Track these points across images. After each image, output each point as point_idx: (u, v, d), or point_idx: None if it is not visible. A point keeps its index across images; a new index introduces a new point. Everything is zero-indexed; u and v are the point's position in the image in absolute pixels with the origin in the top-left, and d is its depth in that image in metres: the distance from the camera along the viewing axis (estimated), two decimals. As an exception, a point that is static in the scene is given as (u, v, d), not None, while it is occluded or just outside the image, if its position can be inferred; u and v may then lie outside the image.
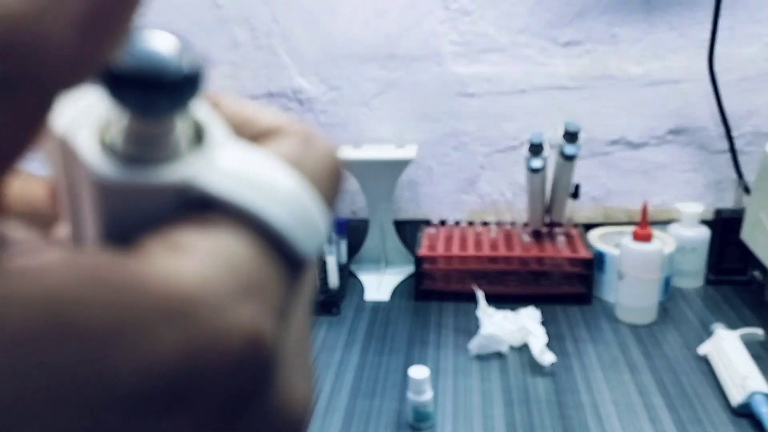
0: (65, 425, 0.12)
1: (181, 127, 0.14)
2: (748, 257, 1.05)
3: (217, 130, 0.14)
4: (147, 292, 0.12)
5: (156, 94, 0.13)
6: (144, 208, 0.14)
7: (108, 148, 0.14)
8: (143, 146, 0.13)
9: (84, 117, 0.14)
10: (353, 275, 1.15)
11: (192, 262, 0.12)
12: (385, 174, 1.09)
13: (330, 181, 0.16)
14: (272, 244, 0.14)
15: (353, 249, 1.17)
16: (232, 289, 0.12)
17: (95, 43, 0.11)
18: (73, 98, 0.14)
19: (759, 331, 0.88)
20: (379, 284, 1.12)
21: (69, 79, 0.11)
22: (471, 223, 1.15)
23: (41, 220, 0.17)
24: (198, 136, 0.14)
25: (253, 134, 0.16)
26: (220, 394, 0.12)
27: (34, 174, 0.18)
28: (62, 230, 0.17)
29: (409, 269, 1.14)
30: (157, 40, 0.13)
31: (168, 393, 0.12)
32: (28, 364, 0.11)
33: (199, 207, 0.14)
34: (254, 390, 0.13)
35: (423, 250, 1.06)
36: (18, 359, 0.11)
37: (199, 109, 0.15)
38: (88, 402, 0.12)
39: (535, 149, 0.96)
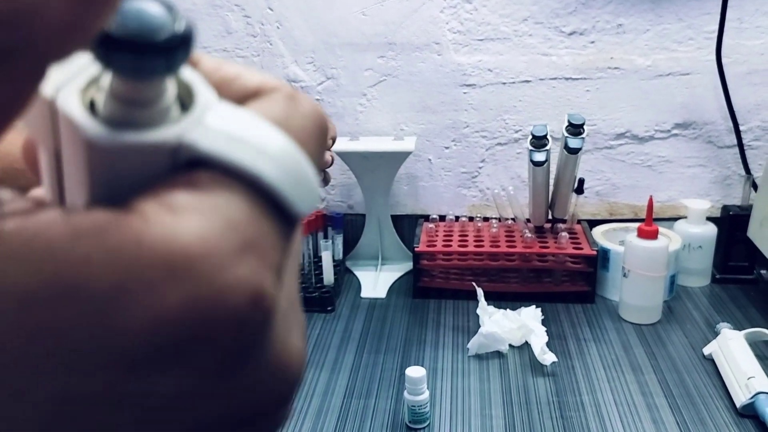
0: (74, 384, 0.12)
1: (170, 90, 0.14)
2: (755, 255, 1.03)
3: (204, 92, 0.15)
4: (150, 250, 0.12)
5: (149, 56, 0.13)
6: (136, 169, 0.14)
7: (99, 111, 0.14)
8: (135, 109, 0.14)
9: (74, 81, 0.14)
10: (349, 271, 1.14)
11: (190, 221, 0.13)
12: (382, 167, 1.07)
13: (316, 139, 0.16)
14: (267, 202, 0.14)
15: (349, 244, 1.15)
16: (232, 246, 0.13)
17: (89, 12, 0.11)
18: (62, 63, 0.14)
19: (765, 331, 0.86)
20: (376, 281, 1.10)
21: (63, 48, 0.12)
22: (471, 219, 1.14)
23: (18, 181, 0.17)
24: (185, 99, 0.15)
25: (235, 94, 0.16)
26: (224, 347, 0.13)
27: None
28: (39, 194, 0.17)
29: (406, 266, 1.12)
30: (146, 4, 0.13)
31: (173, 348, 0.12)
32: (32, 326, 0.11)
33: (191, 167, 0.14)
34: (255, 342, 0.13)
35: (421, 246, 1.04)
36: (24, 321, 0.11)
37: (186, 72, 0.15)
38: (96, 360, 0.12)
39: (538, 142, 0.95)
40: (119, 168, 0.14)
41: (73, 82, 0.14)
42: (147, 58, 0.13)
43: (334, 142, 0.79)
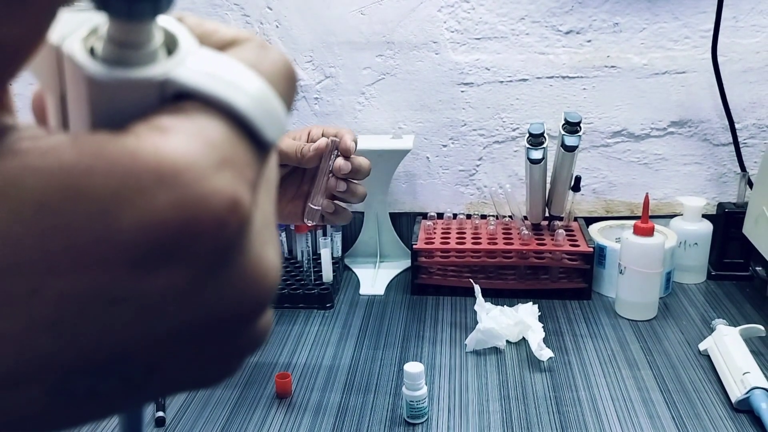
0: (81, 281, 0.14)
1: (157, 36, 0.17)
2: (750, 252, 1.03)
3: (187, 40, 0.17)
4: (142, 162, 0.14)
5: (139, 1, 0.15)
6: (130, 102, 0.16)
7: (98, 54, 0.16)
8: (127, 50, 0.16)
9: (77, 32, 0.17)
10: (348, 269, 1.14)
11: (176, 139, 0.15)
12: (380, 165, 1.08)
13: (283, 80, 0.18)
14: (241, 128, 0.16)
15: (348, 242, 1.16)
16: (212, 160, 0.15)
17: None
18: (63, 15, 0.16)
19: (760, 327, 0.87)
20: (374, 278, 1.10)
21: None
22: (469, 216, 1.14)
23: None
24: (170, 46, 0.17)
25: (214, 45, 0.18)
26: (207, 247, 0.15)
27: None
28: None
29: (404, 263, 1.13)
30: None
31: (165, 246, 0.14)
32: (46, 227, 0.13)
33: (176, 100, 0.16)
34: (234, 245, 0.15)
35: (419, 244, 1.04)
36: (39, 223, 0.13)
37: (170, 22, 0.17)
38: (99, 259, 0.14)
39: (535, 140, 0.95)
40: (115, 101, 0.16)
41: (77, 32, 0.17)
42: (137, 2, 0.15)
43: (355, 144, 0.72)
